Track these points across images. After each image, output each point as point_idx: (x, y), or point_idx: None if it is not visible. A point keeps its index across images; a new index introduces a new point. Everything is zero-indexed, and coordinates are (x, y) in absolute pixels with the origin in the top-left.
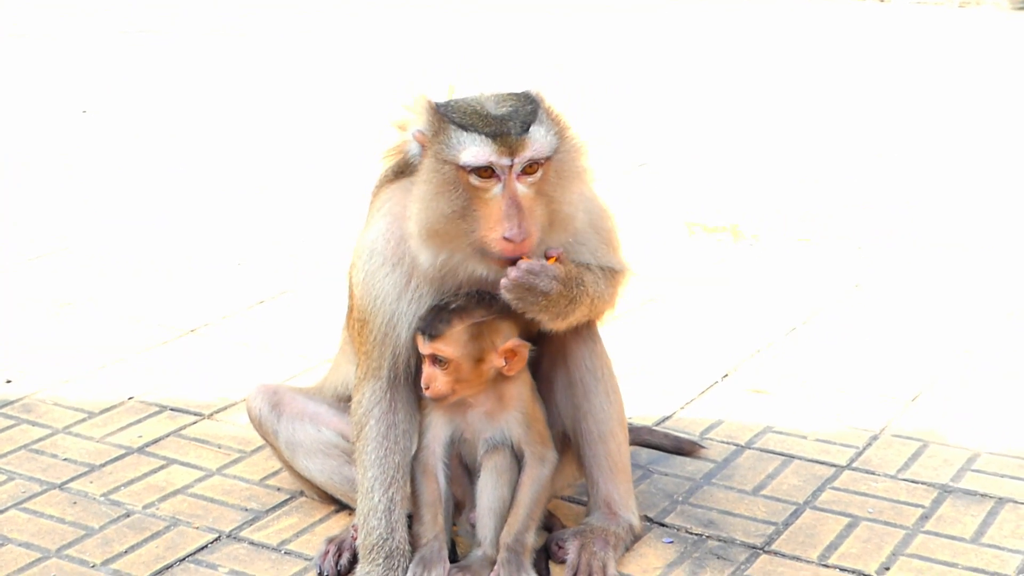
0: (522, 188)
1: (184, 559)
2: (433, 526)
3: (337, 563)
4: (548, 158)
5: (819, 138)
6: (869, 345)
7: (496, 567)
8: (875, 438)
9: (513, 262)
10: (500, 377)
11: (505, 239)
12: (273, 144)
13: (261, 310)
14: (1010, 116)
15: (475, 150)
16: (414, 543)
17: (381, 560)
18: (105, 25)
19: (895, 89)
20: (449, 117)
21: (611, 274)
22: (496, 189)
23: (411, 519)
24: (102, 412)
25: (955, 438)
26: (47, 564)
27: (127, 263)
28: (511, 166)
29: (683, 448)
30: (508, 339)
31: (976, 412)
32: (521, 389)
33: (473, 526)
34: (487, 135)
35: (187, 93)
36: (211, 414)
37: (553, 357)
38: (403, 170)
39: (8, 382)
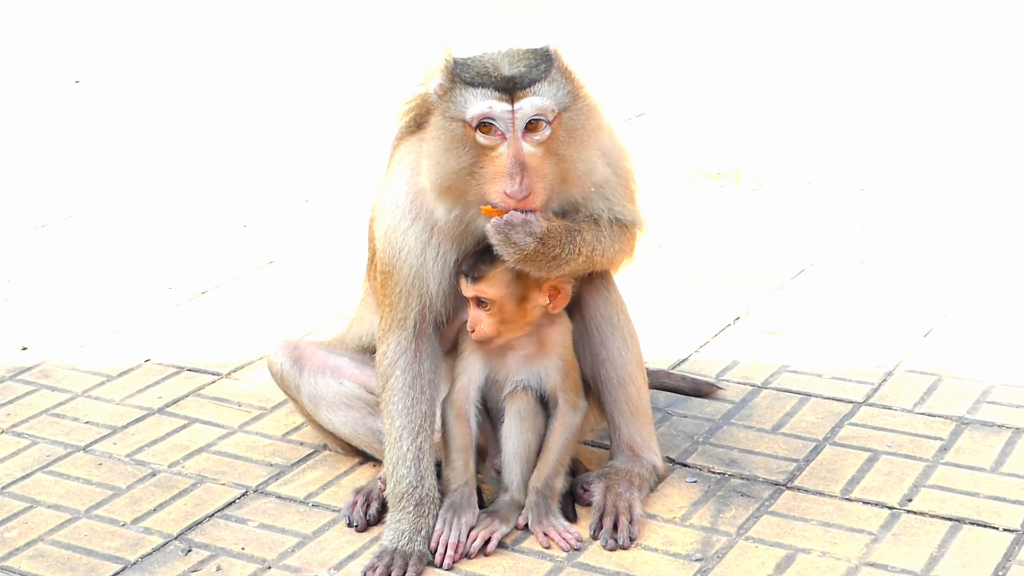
0: (528, 146)
1: (213, 515)
2: (464, 472)
3: (366, 513)
4: (557, 116)
5: (817, 82)
6: (878, 284)
7: (524, 511)
8: (890, 374)
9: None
10: (543, 321)
11: (507, 195)
12: (276, 110)
13: (270, 270)
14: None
15: (478, 107)
16: (443, 489)
17: (411, 508)
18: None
19: (904, 31)
20: (459, 75)
21: (622, 228)
22: (503, 147)
23: (438, 466)
24: (120, 375)
25: (969, 371)
26: (78, 524)
27: (132, 229)
28: (514, 123)
29: (701, 390)
30: None
31: (989, 345)
32: (564, 335)
33: (498, 472)
34: (491, 92)
35: (194, 63)
36: (228, 373)
37: (568, 306)
38: (421, 124)
39: (24, 349)
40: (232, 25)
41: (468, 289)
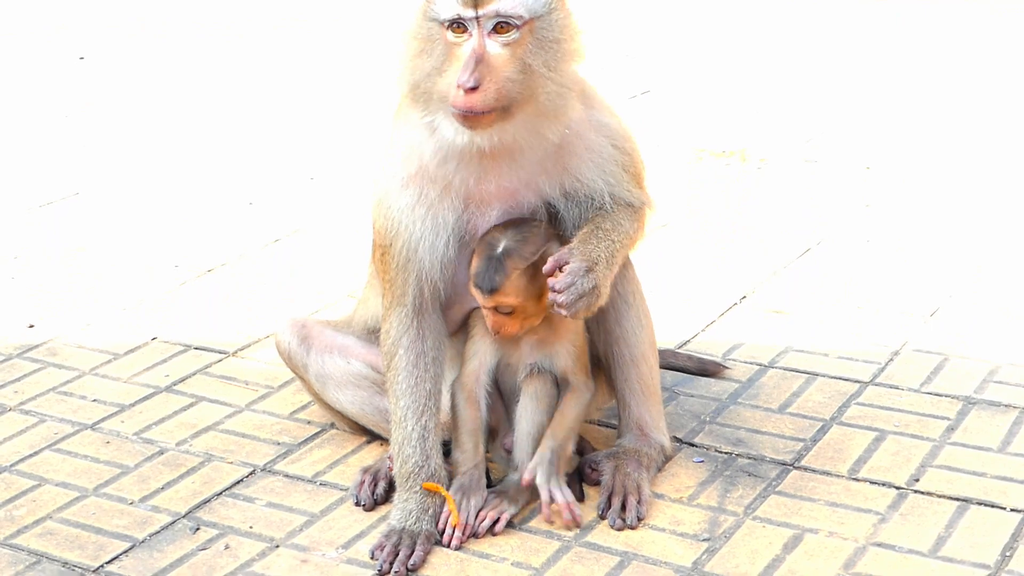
0: (493, 46)
1: (221, 493)
2: (474, 455)
3: (373, 492)
4: (528, 22)
5: (824, 59)
6: (884, 263)
7: (532, 465)
8: (896, 353)
9: (466, 116)
10: None
11: (457, 85)
12: (283, 90)
13: (276, 248)
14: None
15: (449, 5)
16: (452, 470)
17: (418, 487)
18: None
19: (915, 8)
20: None
21: (634, 211)
22: (467, 44)
23: (447, 445)
24: (127, 353)
25: (975, 351)
26: (86, 502)
27: (137, 207)
28: (479, 21)
29: (707, 369)
30: None
31: (994, 325)
32: (577, 322)
33: (508, 452)
34: None
35: (200, 39)
36: (235, 351)
37: None
38: None
39: (31, 327)
40: (242, 7)
41: (486, 301)
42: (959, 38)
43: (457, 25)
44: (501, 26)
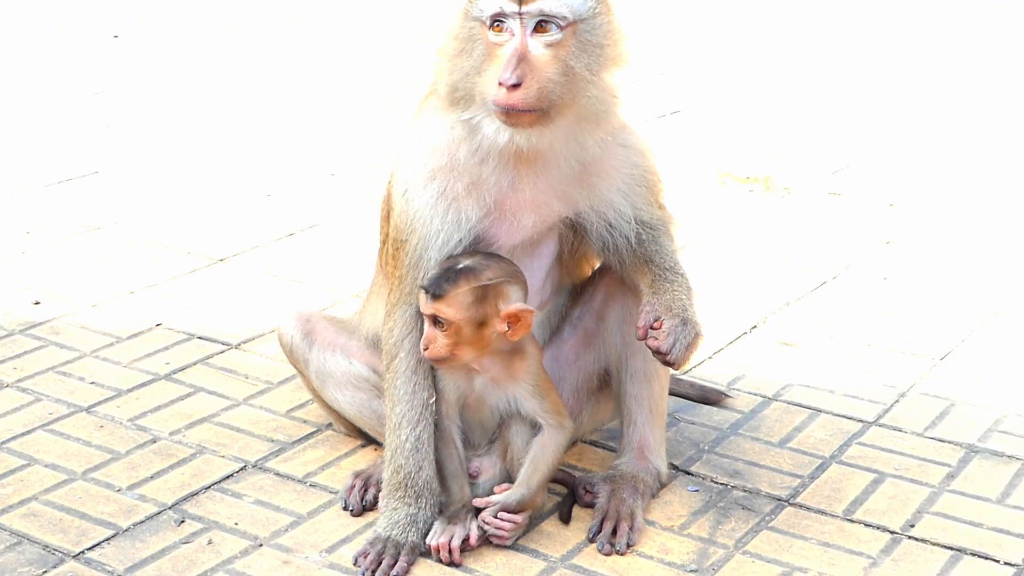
0: (535, 45)
1: (210, 487)
2: (460, 496)
3: (363, 498)
4: (571, 24)
5: (857, 92)
6: (899, 303)
7: (496, 497)
8: (902, 395)
9: (510, 114)
10: (511, 351)
11: (499, 83)
12: (311, 84)
13: (290, 242)
14: None
15: (491, 3)
16: (441, 508)
17: (408, 497)
18: None
19: (937, 44)
20: None
21: (666, 232)
22: (509, 43)
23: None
24: (130, 337)
25: (983, 399)
26: (73, 486)
27: (156, 191)
28: (521, 19)
29: (710, 397)
30: (513, 303)
31: (1004, 374)
32: (529, 363)
33: (474, 477)
34: None
35: (221, 31)
36: (238, 344)
37: (610, 292)
38: None
39: (37, 303)
40: (242, 7)
41: (427, 307)
42: (998, 80)
43: (498, 23)
44: (543, 25)
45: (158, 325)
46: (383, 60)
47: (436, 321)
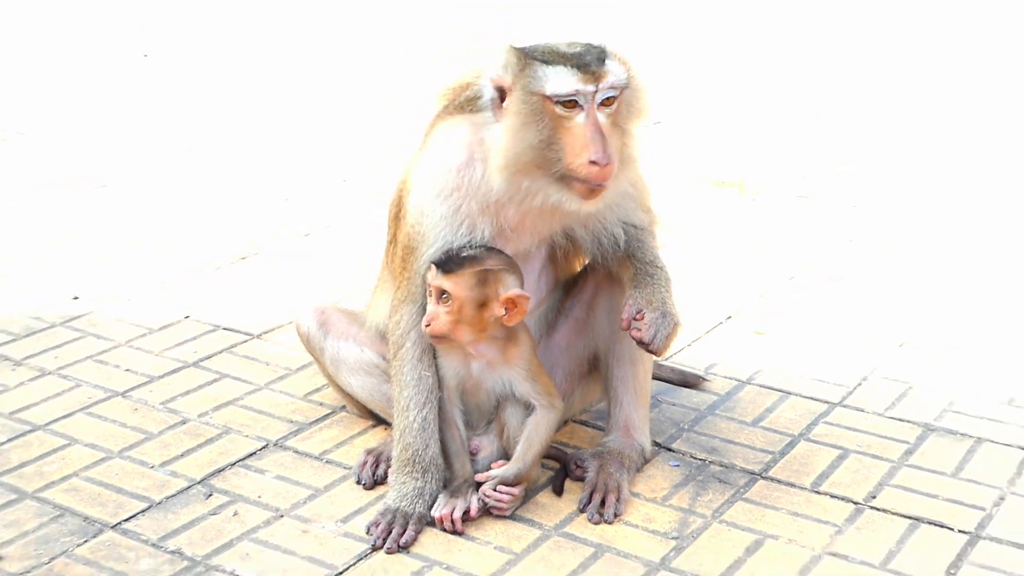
0: (602, 118)
1: (235, 464)
2: (462, 472)
3: (374, 473)
4: (622, 90)
5: (830, 97)
6: (860, 295)
7: (495, 471)
8: (864, 379)
9: (594, 189)
10: (505, 337)
11: (591, 163)
12: (305, 81)
13: (306, 242)
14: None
15: (561, 80)
16: (445, 482)
17: (416, 472)
18: None
19: (936, 44)
20: (533, 55)
21: (649, 232)
22: (579, 118)
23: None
24: (161, 329)
25: (938, 382)
26: (110, 463)
27: (187, 195)
28: (594, 94)
29: (689, 381)
30: (511, 290)
31: (956, 359)
32: (522, 349)
33: (474, 455)
34: (571, 67)
35: (221, 31)
36: (260, 334)
37: (599, 285)
38: (462, 107)
39: (75, 298)
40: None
41: (435, 279)
42: (973, 89)
43: (568, 101)
44: (607, 99)
45: (187, 317)
46: (383, 60)
47: (441, 296)
